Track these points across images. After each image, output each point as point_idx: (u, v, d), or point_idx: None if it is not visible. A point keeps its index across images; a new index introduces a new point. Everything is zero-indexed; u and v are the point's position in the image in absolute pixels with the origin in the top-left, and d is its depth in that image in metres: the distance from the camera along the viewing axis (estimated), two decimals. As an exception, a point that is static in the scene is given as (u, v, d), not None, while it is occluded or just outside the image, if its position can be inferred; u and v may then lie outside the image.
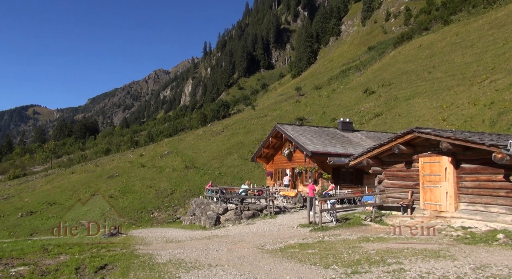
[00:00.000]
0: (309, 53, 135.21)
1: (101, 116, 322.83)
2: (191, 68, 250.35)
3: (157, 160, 46.46)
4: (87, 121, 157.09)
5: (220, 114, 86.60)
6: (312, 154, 18.57)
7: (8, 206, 33.86)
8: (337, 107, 51.07)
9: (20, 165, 79.60)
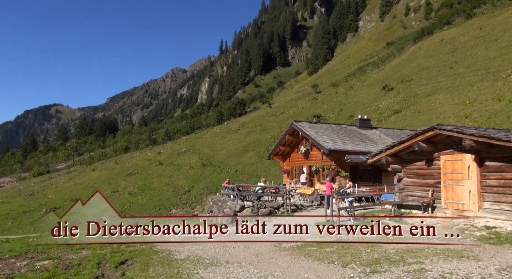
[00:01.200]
0: (326, 50, 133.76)
1: (120, 115, 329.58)
2: (208, 67, 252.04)
3: (174, 158, 47.09)
4: (107, 120, 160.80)
5: (237, 112, 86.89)
6: (329, 152, 18.38)
7: (33, 202, 35.08)
8: (355, 104, 50.35)
9: (44, 162, 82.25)
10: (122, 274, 7.04)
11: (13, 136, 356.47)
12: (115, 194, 34.36)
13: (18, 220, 28.66)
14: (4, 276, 7.04)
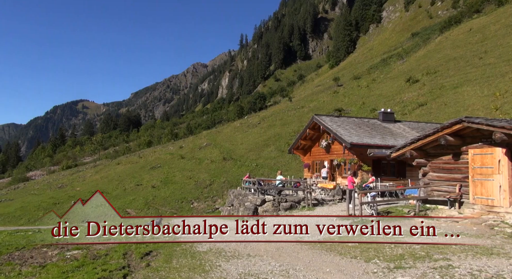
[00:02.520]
0: (347, 42, 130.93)
1: (143, 110, 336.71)
2: (228, 61, 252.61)
3: (196, 152, 47.71)
4: (130, 115, 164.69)
5: (257, 106, 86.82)
6: (351, 146, 18.10)
7: (63, 194, 36.54)
8: (378, 97, 49.20)
9: (72, 156, 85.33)
10: (147, 264, 7.23)
11: (43, 131, 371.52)
12: (139, 187, 35.26)
13: (49, 211, 29.95)
14: (37, 265, 7.38)
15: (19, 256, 8.32)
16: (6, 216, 29.88)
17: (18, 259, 7.94)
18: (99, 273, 6.47)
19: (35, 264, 7.41)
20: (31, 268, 7.10)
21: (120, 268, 6.84)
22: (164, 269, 6.83)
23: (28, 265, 7.38)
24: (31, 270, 6.94)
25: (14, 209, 32.02)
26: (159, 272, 6.67)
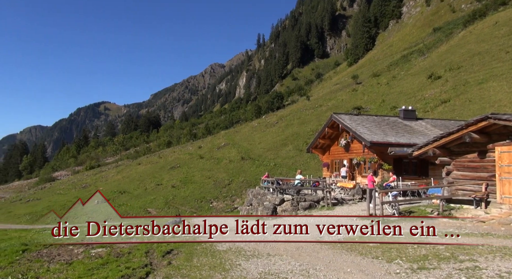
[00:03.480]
0: (366, 39, 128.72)
1: (163, 111, 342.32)
2: (245, 61, 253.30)
3: (214, 152, 48.11)
4: (150, 116, 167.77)
5: (274, 105, 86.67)
6: (371, 144, 17.80)
7: (86, 194, 37.62)
8: (398, 95, 48.17)
9: (95, 157, 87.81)
10: (168, 263, 7.35)
11: (67, 132, 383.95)
12: (159, 187, 35.89)
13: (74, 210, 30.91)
14: (64, 262, 7.64)
15: (47, 253, 8.64)
16: (34, 214, 31.06)
17: (46, 256, 8.24)
18: (122, 271, 6.63)
19: (62, 261, 7.67)
20: (59, 265, 7.35)
21: (143, 266, 6.99)
22: (185, 268, 6.93)
23: (56, 262, 7.65)
24: (58, 267, 7.19)
25: (41, 208, 33.24)
26: (181, 270, 6.77)
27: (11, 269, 7.06)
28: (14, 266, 7.37)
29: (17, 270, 6.98)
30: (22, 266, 7.34)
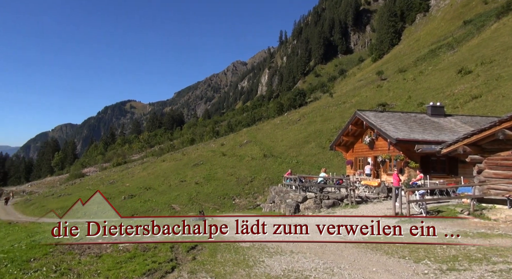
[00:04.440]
0: (392, 34, 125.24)
1: (186, 108, 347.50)
2: (267, 58, 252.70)
3: (237, 149, 48.39)
4: (174, 113, 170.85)
5: (297, 102, 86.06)
6: (397, 142, 17.35)
7: (114, 190, 38.85)
8: (425, 91, 46.64)
9: (121, 154, 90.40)
10: (193, 258, 7.48)
11: (95, 130, 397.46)
12: (183, 184, 36.50)
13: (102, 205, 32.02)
14: (94, 255, 7.93)
15: (78, 246, 8.99)
16: (65, 209, 32.37)
17: (77, 249, 8.58)
18: (149, 265, 6.81)
19: (92, 254, 7.96)
20: (89, 257, 7.64)
21: (168, 261, 7.15)
22: (210, 263, 7.03)
23: (86, 254, 7.95)
24: (89, 259, 7.47)
25: (71, 203, 34.55)
26: (205, 265, 6.87)
27: (46, 261, 7.41)
28: (48, 257, 7.73)
29: (51, 261, 7.31)
30: (56, 258, 7.68)
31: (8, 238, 17.88)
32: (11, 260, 7.55)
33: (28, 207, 38.44)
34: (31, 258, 7.70)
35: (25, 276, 6.31)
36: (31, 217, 29.85)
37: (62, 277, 6.20)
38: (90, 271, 6.50)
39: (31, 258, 7.66)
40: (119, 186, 41.16)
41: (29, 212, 34.39)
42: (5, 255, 8.36)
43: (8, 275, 6.40)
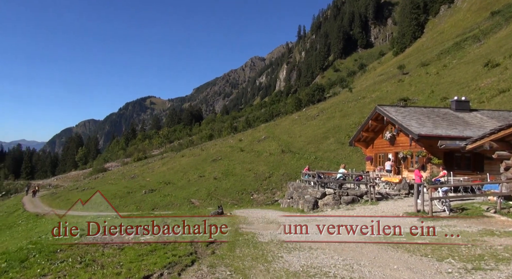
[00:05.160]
0: (414, 27, 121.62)
1: (204, 104, 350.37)
2: (286, 54, 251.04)
3: (255, 145, 48.45)
4: (192, 109, 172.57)
5: (315, 98, 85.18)
6: (419, 137, 16.91)
7: (135, 184, 39.73)
8: (449, 85, 45.17)
9: (142, 149, 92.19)
10: (212, 252, 7.57)
11: (117, 125, 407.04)
12: (201, 179, 36.91)
13: (124, 199, 32.83)
14: (117, 247, 8.15)
15: (101, 238, 9.26)
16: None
17: (101, 241, 8.84)
18: (169, 258, 6.94)
19: (115, 246, 8.19)
20: (112, 249, 7.86)
21: (188, 254, 7.25)
22: (229, 257, 7.09)
23: (109, 247, 8.18)
24: (112, 251, 7.69)
25: (95, 196, 35.62)
26: (224, 259, 6.93)
27: (71, 252, 7.67)
28: (73, 249, 8.00)
29: (76, 253, 7.57)
30: (80, 249, 7.94)
31: (36, 230, 18.67)
32: (39, 250, 7.86)
33: (54, 200, 39.87)
34: (58, 249, 7.99)
35: (52, 266, 6.55)
36: (57, 210, 30.96)
37: (87, 268, 6.40)
38: (113, 262, 6.68)
39: (58, 249, 7.95)
40: (140, 181, 42.03)
41: (55, 205, 35.67)
42: (33, 245, 8.72)
43: (36, 265, 6.67)
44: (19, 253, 7.81)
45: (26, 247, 8.55)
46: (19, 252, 7.95)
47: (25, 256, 7.40)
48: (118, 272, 6.06)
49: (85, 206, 32.16)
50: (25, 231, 19.58)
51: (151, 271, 6.12)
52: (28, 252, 7.83)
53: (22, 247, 8.70)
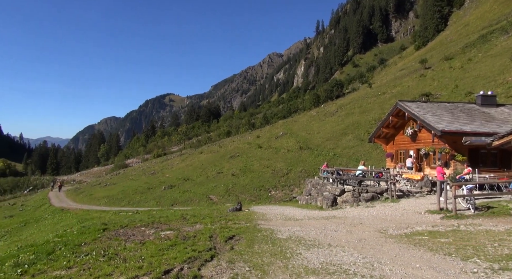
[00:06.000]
0: (437, 19, 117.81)
1: (222, 101, 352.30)
2: (304, 49, 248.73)
3: (272, 141, 48.38)
4: (210, 106, 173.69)
5: (334, 94, 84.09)
6: (442, 134, 16.42)
7: (155, 180, 40.49)
8: (474, 79, 43.63)
9: (161, 145, 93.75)
10: (231, 248, 7.62)
11: (137, 122, 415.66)
12: (220, 175, 37.22)
13: (144, 195, 33.55)
14: (138, 241, 8.33)
15: (123, 233, 9.50)
16: (111, 198, 34.31)
17: (123, 236, 9.06)
18: (189, 253, 7.03)
19: (136, 241, 8.37)
20: (133, 244, 8.04)
21: (208, 249, 7.33)
22: (247, 253, 7.11)
23: (131, 241, 8.37)
24: (133, 245, 7.86)
25: (116, 192, 36.59)
26: (243, 255, 6.97)
27: (95, 245, 7.90)
28: (97, 242, 8.24)
29: (100, 246, 7.78)
30: (103, 243, 8.17)
31: (61, 223, 19.32)
32: (65, 243, 8.13)
33: (78, 195, 41.17)
34: (82, 242, 8.24)
35: (77, 259, 6.77)
36: (80, 205, 31.96)
37: (110, 261, 6.57)
38: (135, 256, 6.84)
39: (82, 243, 8.20)
40: (160, 177, 42.80)
41: (79, 200, 36.83)
42: (59, 239, 9.03)
43: (62, 258, 6.90)
44: (46, 246, 8.10)
45: (52, 240, 8.86)
46: (46, 245, 8.26)
47: (52, 249, 7.68)
48: (140, 266, 6.19)
49: (107, 201, 33.12)
50: (51, 225, 20.32)
51: (172, 266, 6.22)
52: (55, 245, 8.12)
53: (48, 240, 9.03)
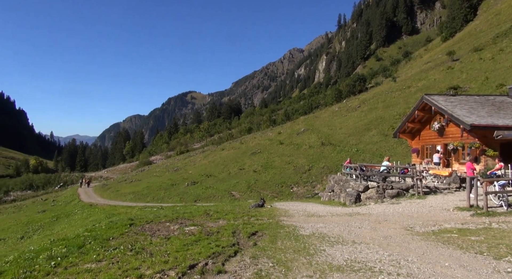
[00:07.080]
0: (465, 9, 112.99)
1: (243, 98, 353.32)
2: (325, 44, 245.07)
3: (294, 138, 48.11)
4: (232, 103, 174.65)
5: (356, 88, 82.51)
6: (471, 128, 15.81)
7: (178, 177, 41.22)
8: (506, 71, 41.63)
9: (184, 142, 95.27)
10: (254, 243, 7.65)
11: (160, 120, 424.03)
12: (242, 172, 37.42)
13: (168, 191, 34.23)
14: (163, 236, 8.51)
15: (149, 228, 9.73)
16: (136, 194, 35.23)
17: (149, 231, 9.29)
18: (213, 248, 7.12)
19: (162, 236, 8.56)
20: (159, 239, 8.23)
21: (231, 245, 7.40)
22: (270, 249, 7.13)
23: (156, 236, 8.57)
24: (159, 240, 8.04)
25: (141, 188, 37.53)
26: (266, 251, 6.98)
27: (122, 240, 8.14)
28: (124, 237, 8.48)
29: (127, 241, 8.02)
30: (131, 237, 8.40)
31: (90, 218, 20.06)
32: (94, 238, 8.43)
33: (105, 191, 42.54)
34: (110, 237, 8.51)
35: (106, 253, 7.00)
36: (108, 200, 33.01)
37: (137, 255, 6.76)
38: (160, 251, 6.99)
39: (110, 237, 8.47)
40: (183, 173, 43.52)
41: (106, 196, 38.05)
42: (89, 233, 9.37)
43: (92, 251, 7.16)
44: (77, 240, 8.43)
45: (82, 234, 9.21)
46: (77, 239, 8.58)
47: (82, 243, 7.97)
48: (166, 260, 6.33)
49: (133, 197, 34.01)
50: (81, 220, 21.12)
51: (196, 261, 6.32)
52: (85, 239, 8.43)
53: (79, 234, 9.38)
